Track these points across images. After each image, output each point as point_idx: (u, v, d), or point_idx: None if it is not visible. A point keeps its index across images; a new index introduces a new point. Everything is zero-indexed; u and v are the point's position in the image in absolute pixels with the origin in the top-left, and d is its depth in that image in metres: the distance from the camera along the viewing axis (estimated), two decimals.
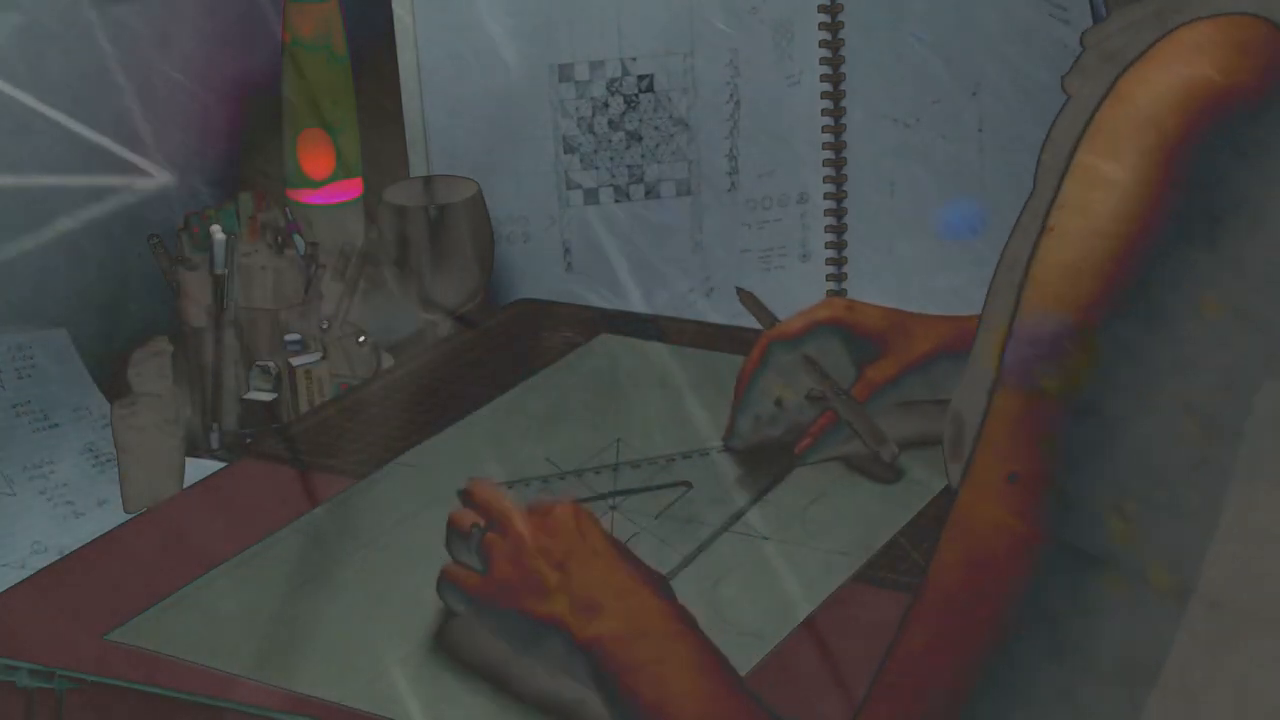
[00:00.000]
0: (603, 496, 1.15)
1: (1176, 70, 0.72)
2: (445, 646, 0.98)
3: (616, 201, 1.57)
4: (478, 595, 0.95)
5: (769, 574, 1.06)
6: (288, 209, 1.52)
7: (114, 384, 1.40)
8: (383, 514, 1.14)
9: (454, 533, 0.98)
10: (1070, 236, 0.71)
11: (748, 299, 1.27)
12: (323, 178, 1.58)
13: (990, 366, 0.73)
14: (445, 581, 0.97)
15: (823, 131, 1.56)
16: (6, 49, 1.40)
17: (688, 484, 1.16)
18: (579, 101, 1.54)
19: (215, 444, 1.37)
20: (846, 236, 1.59)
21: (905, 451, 1.15)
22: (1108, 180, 0.71)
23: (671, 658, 0.87)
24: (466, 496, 1.00)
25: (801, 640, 0.99)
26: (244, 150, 1.64)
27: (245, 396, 1.39)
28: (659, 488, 1.16)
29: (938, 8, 1.55)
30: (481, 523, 0.97)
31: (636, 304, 1.49)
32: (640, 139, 1.56)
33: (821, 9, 1.55)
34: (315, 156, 1.58)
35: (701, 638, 0.89)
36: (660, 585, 0.93)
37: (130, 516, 1.24)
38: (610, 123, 1.55)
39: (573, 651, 0.90)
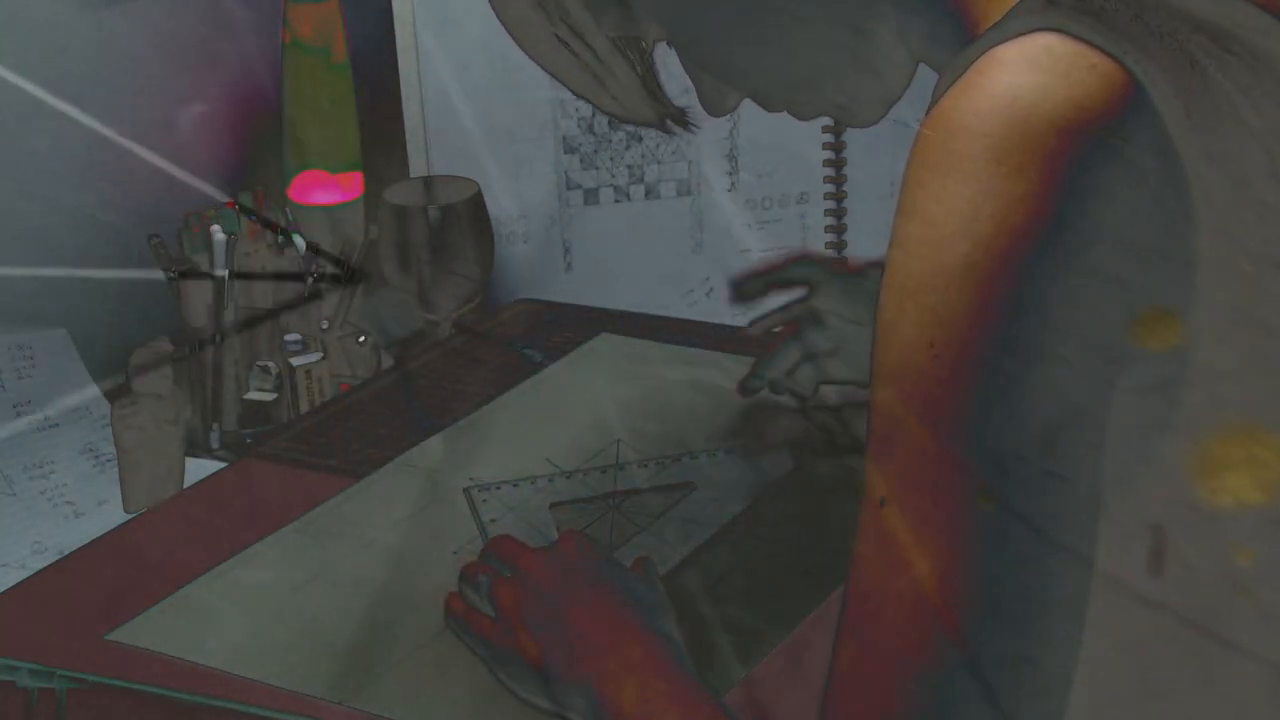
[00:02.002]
0: (603, 497, 1.15)
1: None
2: (445, 646, 0.98)
3: (616, 201, 1.57)
4: (480, 634, 0.96)
5: (769, 574, 1.06)
6: (288, 209, 1.52)
7: (114, 384, 1.40)
8: (383, 514, 1.14)
9: (465, 580, 0.99)
10: None
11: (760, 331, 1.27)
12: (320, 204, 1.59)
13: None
14: (451, 616, 0.98)
15: (823, 131, 1.56)
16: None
17: (689, 484, 1.16)
18: (579, 101, 1.54)
19: (215, 444, 1.37)
20: (846, 236, 1.59)
21: None
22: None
23: (658, 697, 0.89)
24: (486, 550, 1.01)
25: (802, 640, 0.99)
26: (245, 150, 1.64)
27: (245, 396, 1.39)
28: (660, 488, 1.16)
29: None
30: (491, 572, 0.99)
31: (636, 304, 1.49)
32: (640, 139, 1.56)
33: None
34: (310, 190, 1.58)
35: (686, 672, 0.91)
36: (652, 617, 0.94)
37: (130, 516, 1.24)
38: (610, 123, 1.55)
39: (565, 690, 0.91)
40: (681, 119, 0.95)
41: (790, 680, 0.96)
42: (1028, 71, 0.71)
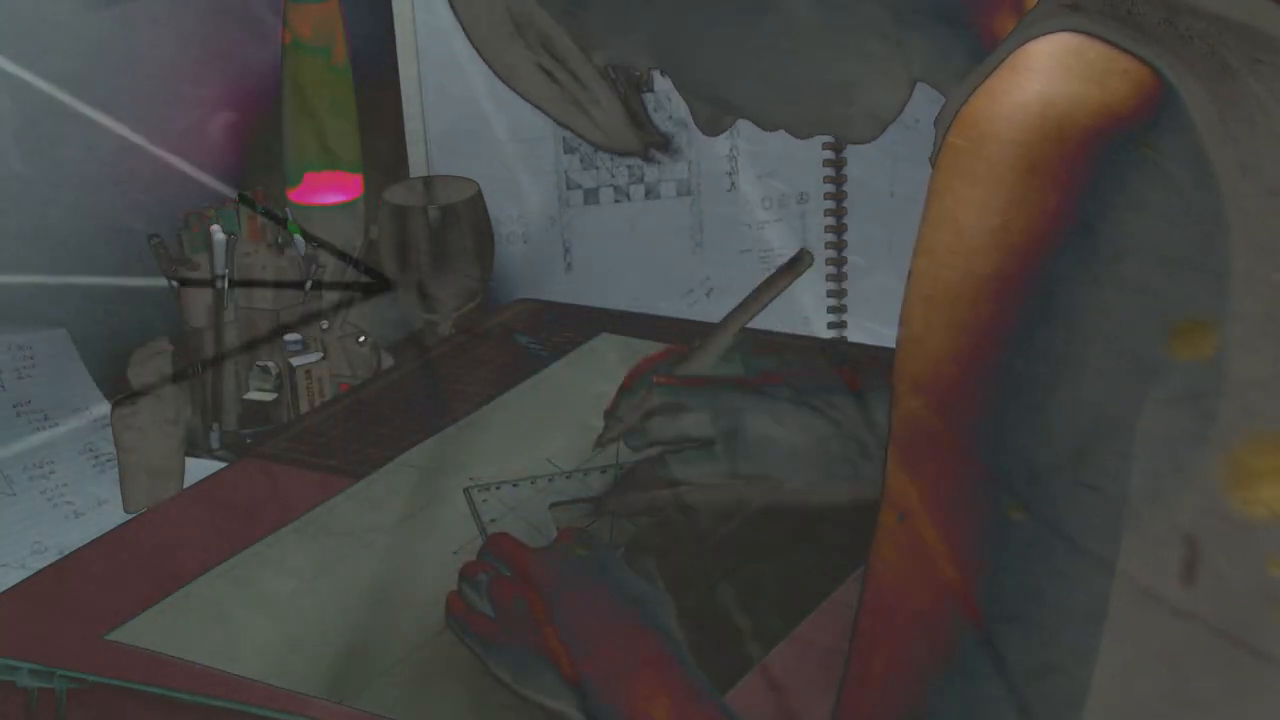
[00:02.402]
0: (603, 497, 1.14)
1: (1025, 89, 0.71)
2: (445, 646, 0.98)
3: (616, 201, 1.57)
4: (480, 633, 0.96)
5: (770, 573, 1.06)
6: (288, 209, 1.52)
7: (114, 384, 1.40)
8: (383, 514, 1.14)
9: (465, 580, 0.99)
10: None
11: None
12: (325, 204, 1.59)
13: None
14: (451, 615, 0.98)
15: None
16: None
17: (689, 485, 1.16)
18: None
19: (215, 444, 1.37)
20: (846, 236, 1.59)
21: None
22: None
23: (658, 693, 0.89)
24: (485, 549, 1.01)
25: (802, 640, 0.99)
26: (244, 150, 1.64)
27: (245, 396, 1.39)
28: (660, 488, 1.15)
29: None
30: (491, 571, 0.98)
31: (636, 304, 1.49)
32: None
33: None
34: (317, 190, 1.58)
35: (687, 669, 0.91)
36: (653, 615, 0.94)
37: (130, 516, 1.24)
38: None
39: (564, 686, 0.91)
40: (665, 146, 0.94)
41: (791, 680, 0.96)
42: (1059, 76, 0.70)
